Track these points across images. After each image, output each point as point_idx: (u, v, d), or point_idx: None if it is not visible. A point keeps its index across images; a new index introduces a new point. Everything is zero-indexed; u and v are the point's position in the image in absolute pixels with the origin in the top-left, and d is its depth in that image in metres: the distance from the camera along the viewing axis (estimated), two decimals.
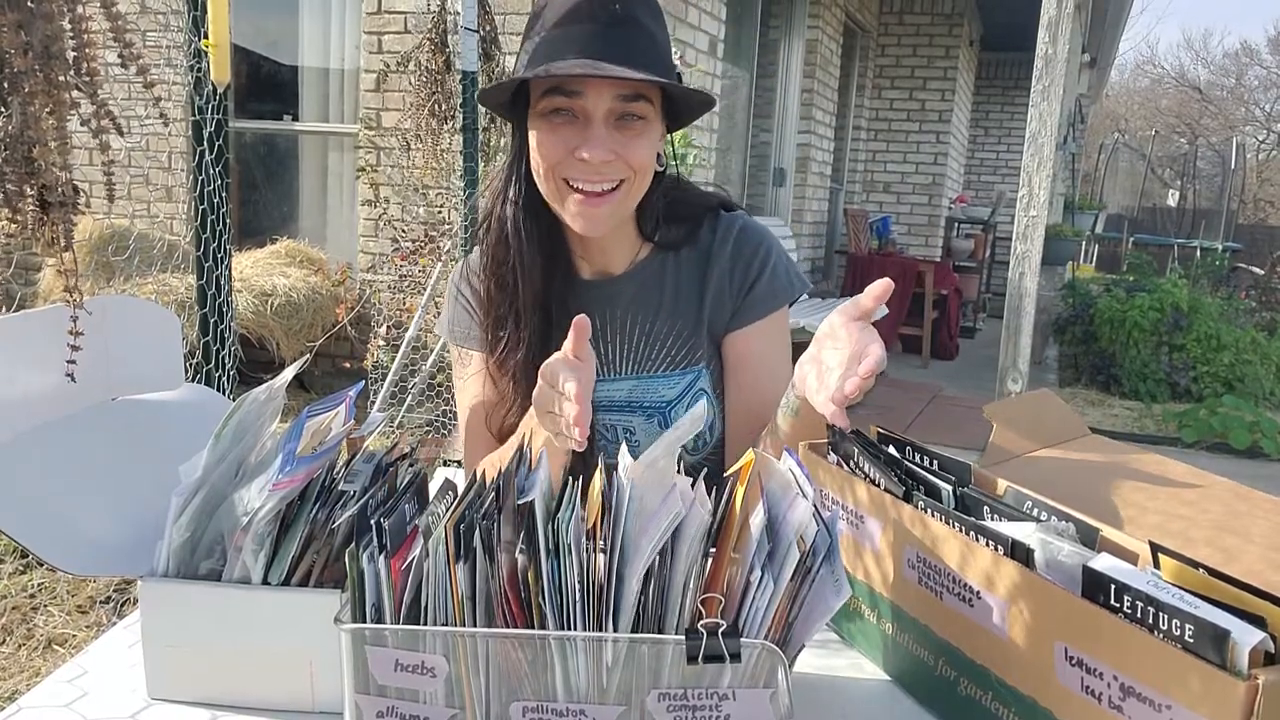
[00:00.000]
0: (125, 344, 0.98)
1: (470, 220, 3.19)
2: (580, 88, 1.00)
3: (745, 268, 1.16)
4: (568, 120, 1.02)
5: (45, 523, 0.78)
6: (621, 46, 0.98)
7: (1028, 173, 3.94)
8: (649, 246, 1.18)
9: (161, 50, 4.04)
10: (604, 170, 1.02)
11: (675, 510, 0.63)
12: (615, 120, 1.02)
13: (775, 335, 1.18)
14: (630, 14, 0.99)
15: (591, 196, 1.03)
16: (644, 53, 0.99)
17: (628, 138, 1.02)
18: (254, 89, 5.21)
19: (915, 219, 8.13)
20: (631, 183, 1.05)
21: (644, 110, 1.03)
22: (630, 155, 1.03)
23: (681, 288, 1.17)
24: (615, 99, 1.00)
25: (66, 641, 2.26)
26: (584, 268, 1.18)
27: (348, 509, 0.75)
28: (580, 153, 1.00)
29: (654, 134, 1.05)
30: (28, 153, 0.77)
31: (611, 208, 1.05)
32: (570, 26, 0.99)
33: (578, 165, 1.02)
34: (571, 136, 1.01)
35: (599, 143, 1.00)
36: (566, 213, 1.06)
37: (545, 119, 1.03)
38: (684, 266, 1.18)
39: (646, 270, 1.17)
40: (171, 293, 3.90)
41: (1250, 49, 25.98)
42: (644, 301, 1.17)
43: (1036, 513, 0.77)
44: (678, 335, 1.17)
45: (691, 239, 1.18)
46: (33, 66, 0.76)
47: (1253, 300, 7.78)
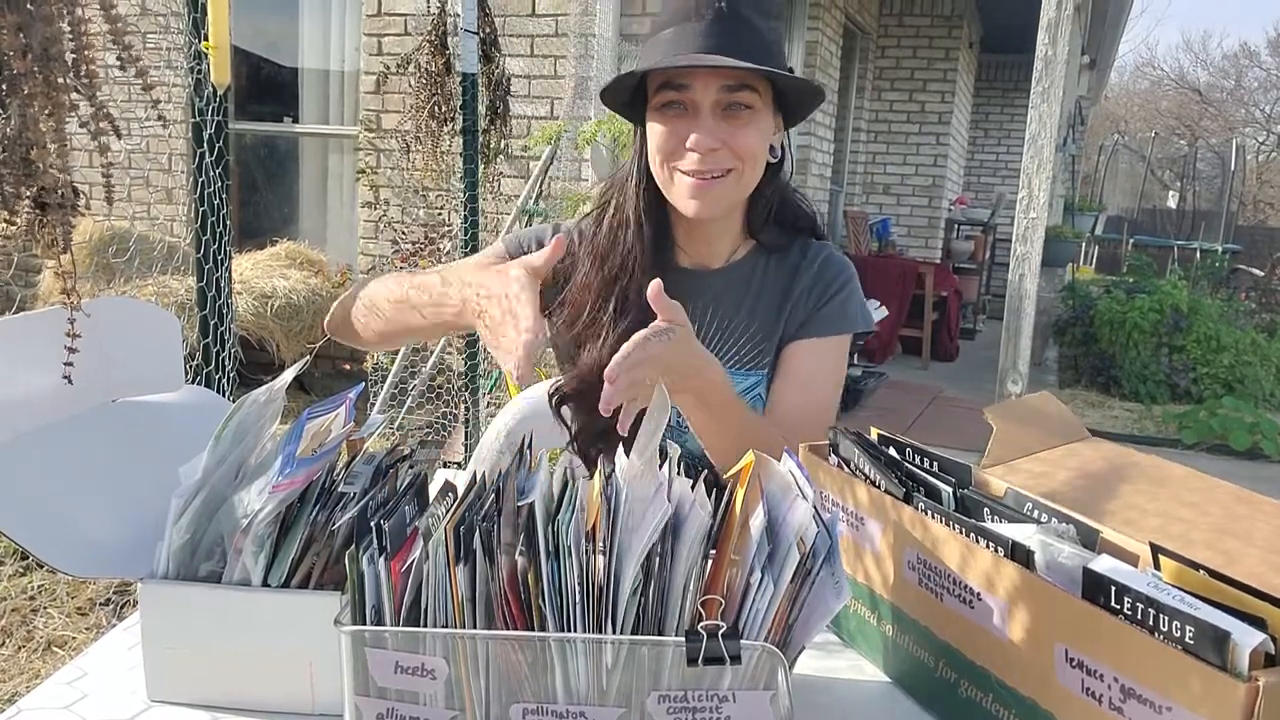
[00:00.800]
0: (125, 346, 0.98)
1: (470, 222, 3.19)
2: (688, 80, 1.06)
3: (824, 288, 1.22)
4: (679, 113, 1.08)
5: (45, 524, 0.78)
6: (726, 40, 1.04)
7: (1027, 174, 3.95)
8: (748, 245, 1.23)
9: (161, 52, 4.05)
10: (711, 159, 1.07)
11: (662, 509, 0.63)
12: (723, 110, 1.07)
13: (825, 357, 1.21)
14: (735, 9, 1.05)
15: (702, 179, 1.08)
16: (748, 45, 1.04)
17: (735, 126, 1.07)
18: (254, 91, 5.21)
19: (915, 221, 8.13)
20: (741, 172, 1.10)
21: (750, 100, 1.07)
22: (737, 143, 1.07)
23: (764, 294, 1.22)
24: (721, 89, 1.06)
25: (66, 643, 2.26)
26: (683, 257, 1.22)
27: (348, 511, 0.75)
28: (689, 141, 1.06)
29: (763, 124, 1.10)
30: (26, 154, 0.77)
31: (721, 191, 1.10)
32: (682, 25, 1.06)
33: (688, 155, 1.08)
34: (683, 127, 1.07)
35: (706, 131, 1.06)
36: (678, 196, 1.11)
37: (659, 112, 1.09)
38: (770, 275, 1.22)
39: (739, 270, 1.22)
40: (171, 294, 3.91)
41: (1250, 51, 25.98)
42: (729, 299, 1.21)
43: (1037, 514, 0.77)
44: (751, 337, 1.21)
45: (785, 250, 1.23)
46: (32, 69, 0.76)
47: (1252, 302, 7.78)
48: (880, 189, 8.17)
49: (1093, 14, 7.29)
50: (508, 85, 3.42)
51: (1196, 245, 10.43)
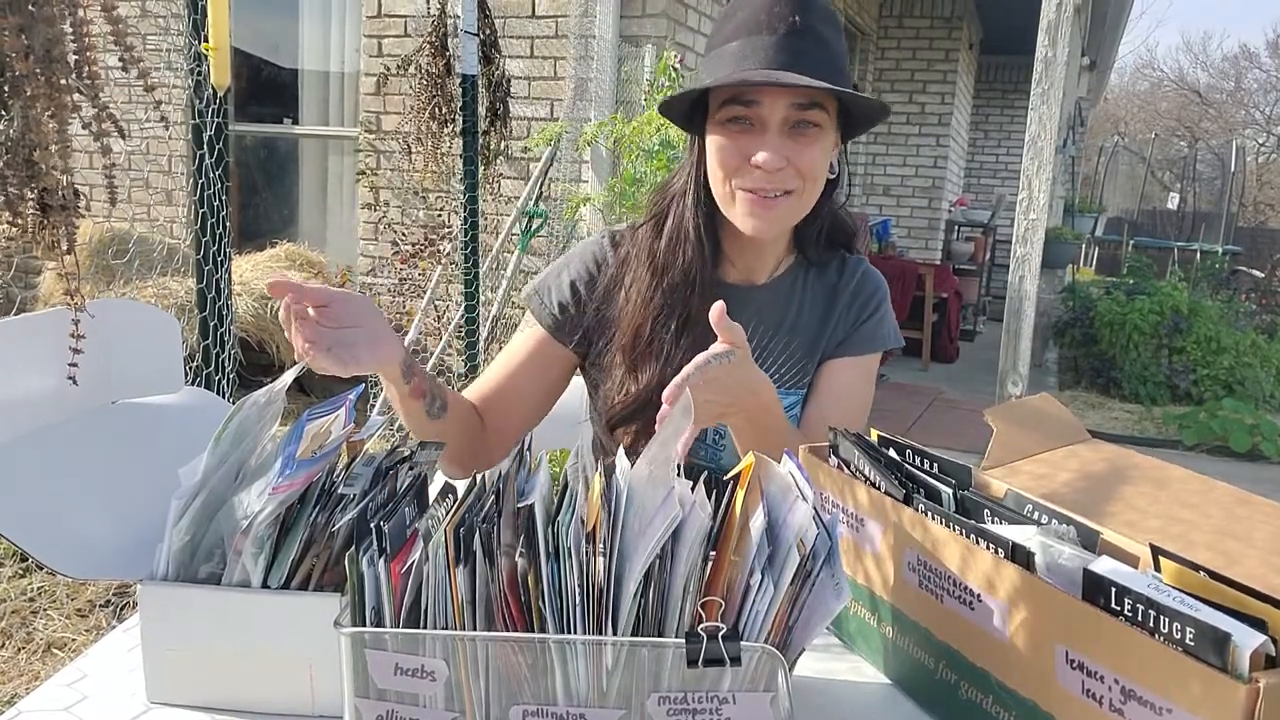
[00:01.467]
0: (125, 347, 0.98)
1: (470, 224, 3.19)
2: (757, 96, 1.03)
3: (862, 306, 1.22)
4: (744, 129, 1.06)
5: (45, 526, 0.78)
6: (799, 56, 1.01)
7: (1027, 176, 3.95)
8: (791, 258, 1.23)
9: (162, 54, 4.05)
10: (776, 179, 1.05)
11: (673, 514, 0.63)
12: (790, 128, 1.05)
13: (859, 374, 1.22)
14: (809, 25, 1.03)
15: (763, 199, 1.06)
16: (821, 62, 1.02)
17: (801, 145, 1.05)
18: (254, 92, 5.22)
19: (915, 222, 8.14)
20: (801, 192, 1.08)
21: (819, 118, 1.05)
22: (802, 162, 1.05)
23: (805, 311, 1.21)
24: (791, 107, 1.04)
25: (66, 645, 2.26)
26: (730, 272, 1.21)
27: (347, 512, 0.75)
28: (755, 159, 1.04)
29: (827, 142, 1.08)
30: (29, 156, 0.77)
31: (782, 212, 1.08)
32: (750, 38, 1.02)
33: (752, 173, 1.05)
34: (748, 144, 1.05)
35: (773, 149, 1.04)
36: (737, 214, 1.09)
37: (724, 127, 1.07)
38: (811, 290, 1.22)
39: (782, 285, 1.22)
40: (171, 296, 3.91)
41: (1249, 52, 25.99)
42: (771, 316, 1.20)
43: (1037, 516, 0.77)
44: (791, 355, 1.20)
45: (825, 266, 1.23)
46: (34, 70, 0.76)
47: (1253, 303, 7.78)
48: (880, 190, 8.17)
49: (1092, 15, 7.30)
50: (508, 86, 3.43)
51: (1196, 247, 10.42)
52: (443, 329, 3.74)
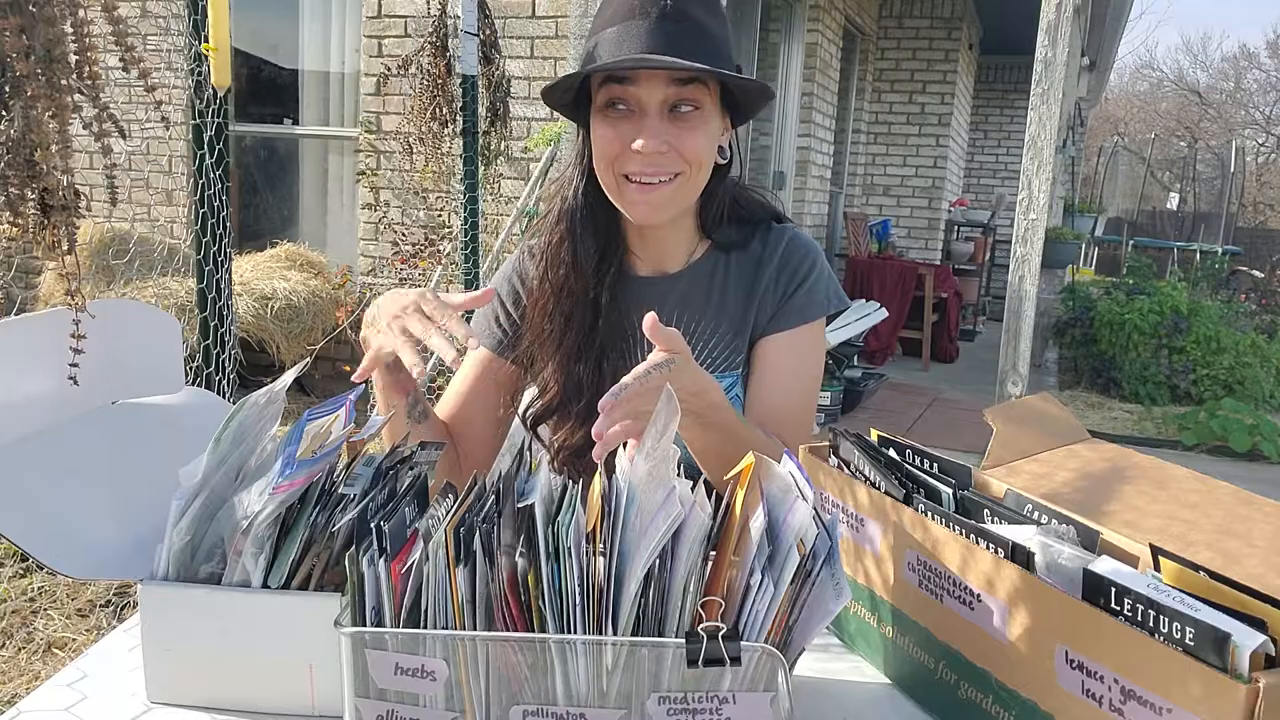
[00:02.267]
0: (125, 348, 0.98)
1: (470, 224, 3.20)
2: (633, 78, 1.03)
3: (790, 276, 1.18)
4: (624, 114, 1.05)
5: (45, 526, 0.78)
6: (673, 39, 1.01)
7: (1027, 176, 3.95)
8: (705, 245, 1.20)
9: (162, 54, 4.05)
10: (659, 163, 1.04)
11: (674, 513, 0.63)
12: (670, 111, 1.04)
13: (802, 349, 1.18)
14: (680, 9, 1.02)
15: (645, 185, 1.05)
16: (696, 45, 1.02)
17: (682, 129, 1.04)
18: (254, 93, 5.22)
19: (915, 222, 8.14)
20: (688, 176, 1.07)
21: (699, 98, 1.04)
22: (684, 146, 1.04)
23: (729, 291, 1.19)
24: (668, 86, 1.03)
25: (66, 645, 2.26)
26: (639, 265, 1.20)
27: (348, 512, 0.75)
28: (635, 144, 1.03)
29: (710, 126, 1.07)
30: (29, 156, 0.77)
31: (668, 195, 1.07)
32: (623, 24, 1.03)
33: (634, 159, 1.04)
34: (628, 130, 1.04)
35: (653, 133, 1.03)
36: (625, 203, 1.09)
37: (603, 113, 1.06)
38: (734, 270, 1.19)
39: (699, 270, 1.19)
40: (171, 296, 3.91)
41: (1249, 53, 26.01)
42: (693, 301, 1.19)
43: (1037, 516, 0.77)
44: (721, 337, 1.19)
45: (745, 244, 1.20)
46: (35, 70, 0.76)
47: (1252, 303, 7.78)
48: (880, 190, 8.17)
49: (1092, 16, 7.30)
50: (508, 87, 3.43)
51: (1196, 247, 10.43)
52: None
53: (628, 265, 1.19)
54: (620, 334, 1.17)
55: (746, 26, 5.81)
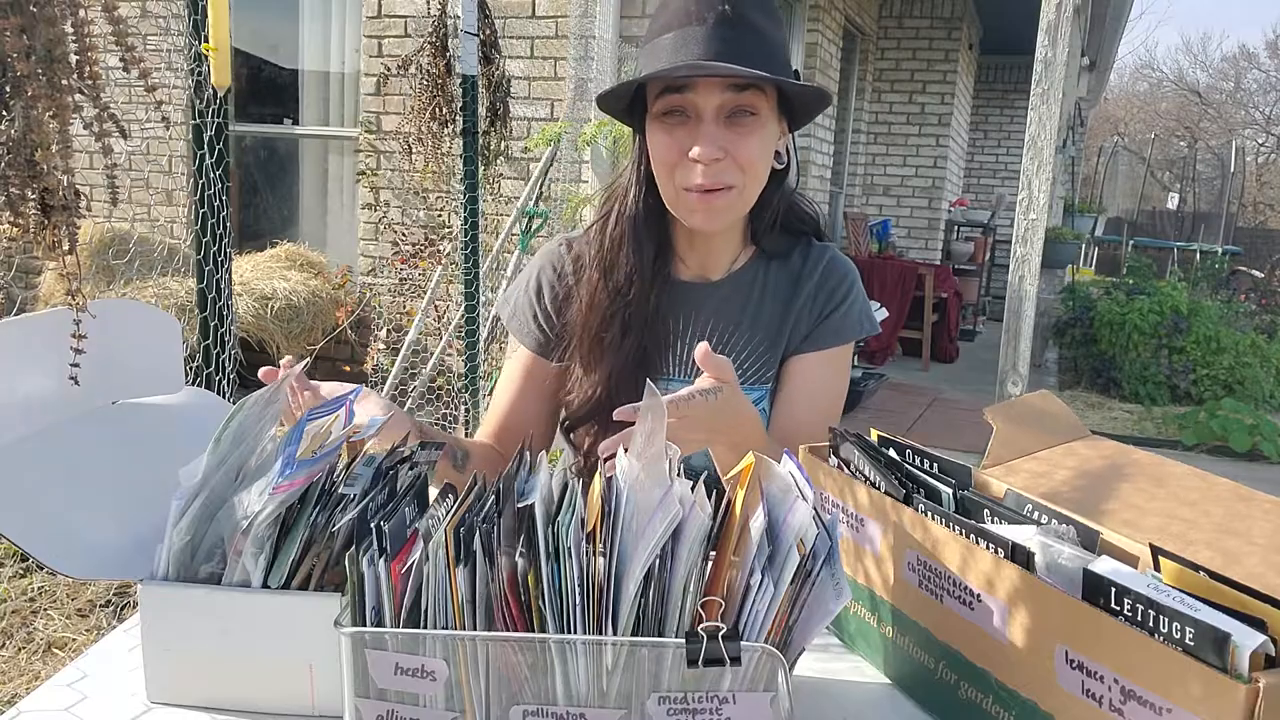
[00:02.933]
0: (125, 348, 0.98)
1: (470, 224, 3.20)
2: (690, 85, 1.02)
3: (828, 296, 1.18)
4: (680, 121, 1.04)
5: (45, 526, 0.78)
6: (730, 44, 1.00)
7: (1027, 176, 3.95)
8: (749, 252, 1.20)
9: (162, 54, 4.05)
10: (715, 171, 1.04)
11: (672, 512, 0.63)
12: (726, 117, 1.03)
13: (833, 369, 1.19)
14: (740, 13, 1.01)
15: (704, 193, 1.05)
16: (753, 50, 1.01)
17: (738, 135, 1.04)
18: (254, 93, 5.22)
19: (915, 222, 8.14)
20: (743, 187, 1.07)
21: (755, 104, 1.04)
22: (740, 152, 1.04)
23: (766, 303, 1.18)
24: (725, 93, 1.02)
25: (66, 645, 2.26)
26: (682, 269, 1.19)
27: (348, 512, 0.75)
28: (692, 152, 1.03)
29: (766, 132, 1.06)
30: (30, 156, 0.77)
31: (724, 205, 1.06)
32: (681, 30, 1.02)
33: (692, 170, 1.04)
34: (684, 136, 1.04)
35: (709, 139, 1.02)
36: (683, 209, 1.08)
37: (660, 120, 1.06)
38: (772, 282, 1.19)
39: (740, 279, 1.19)
40: (171, 296, 3.91)
41: (1248, 53, 26.01)
42: (729, 310, 1.18)
43: (1037, 516, 0.77)
44: (754, 349, 1.18)
45: (787, 255, 1.20)
46: (35, 70, 0.76)
47: (1252, 303, 7.79)
48: (880, 190, 8.17)
49: (1092, 16, 7.30)
50: (508, 87, 3.43)
51: (1196, 247, 10.43)
52: (443, 329, 3.74)
53: (672, 269, 1.19)
54: (659, 338, 1.16)
55: None
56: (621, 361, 1.13)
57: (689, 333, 1.18)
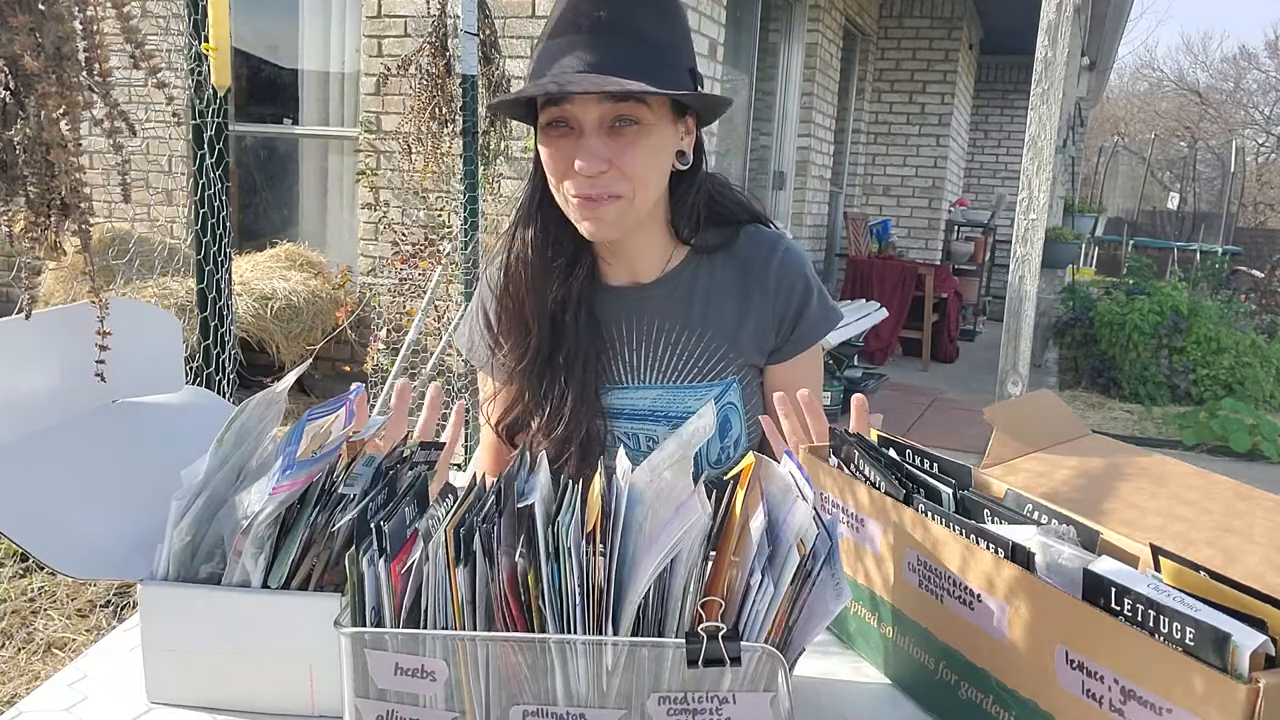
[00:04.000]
0: (126, 347, 0.98)
1: (470, 224, 3.20)
2: (567, 97, 1.00)
3: (787, 297, 1.16)
4: (564, 132, 1.02)
5: (45, 526, 0.78)
6: (607, 54, 0.97)
7: (1027, 176, 3.95)
8: (683, 251, 1.17)
9: (162, 54, 4.04)
10: (600, 182, 1.01)
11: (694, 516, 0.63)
12: (609, 127, 1.01)
13: (813, 364, 1.20)
14: (617, 18, 0.98)
15: (590, 201, 1.03)
16: (634, 58, 0.98)
17: (621, 145, 1.01)
18: (254, 92, 5.22)
19: (915, 222, 8.14)
20: (631, 195, 1.04)
21: (637, 113, 1.01)
22: (625, 162, 1.01)
23: (714, 298, 1.16)
24: (603, 104, 1.00)
25: (66, 645, 2.26)
26: (611, 274, 1.17)
27: (348, 512, 0.75)
28: (575, 164, 1.01)
29: (654, 138, 1.03)
30: (45, 155, 0.77)
31: (613, 214, 1.04)
32: (560, 38, 1.00)
33: (577, 179, 1.02)
34: (569, 148, 1.02)
35: (589, 152, 1.00)
36: (574, 220, 1.06)
37: (545, 132, 1.04)
38: (718, 275, 1.16)
39: (678, 278, 1.16)
40: (171, 296, 3.91)
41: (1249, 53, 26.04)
42: (674, 311, 1.16)
43: (1037, 516, 0.77)
44: (707, 346, 1.16)
45: (728, 246, 1.17)
46: (45, 69, 0.76)
47: (1252, 303, 7.79)
48: (880, 190, 8.17)
49: (1092, 16, 7.30)
50: (508, 87, 3.42)
51: (1196, 247, 10.43)
52: (443, 329, 3.74)
53: (600, 275, 1.16)
54: (597, 344, 1.15)
55: (747, 27, 5.81)
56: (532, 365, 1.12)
57: (633, 337, 1.16)
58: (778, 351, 1.17)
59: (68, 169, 0.78)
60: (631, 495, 0.68)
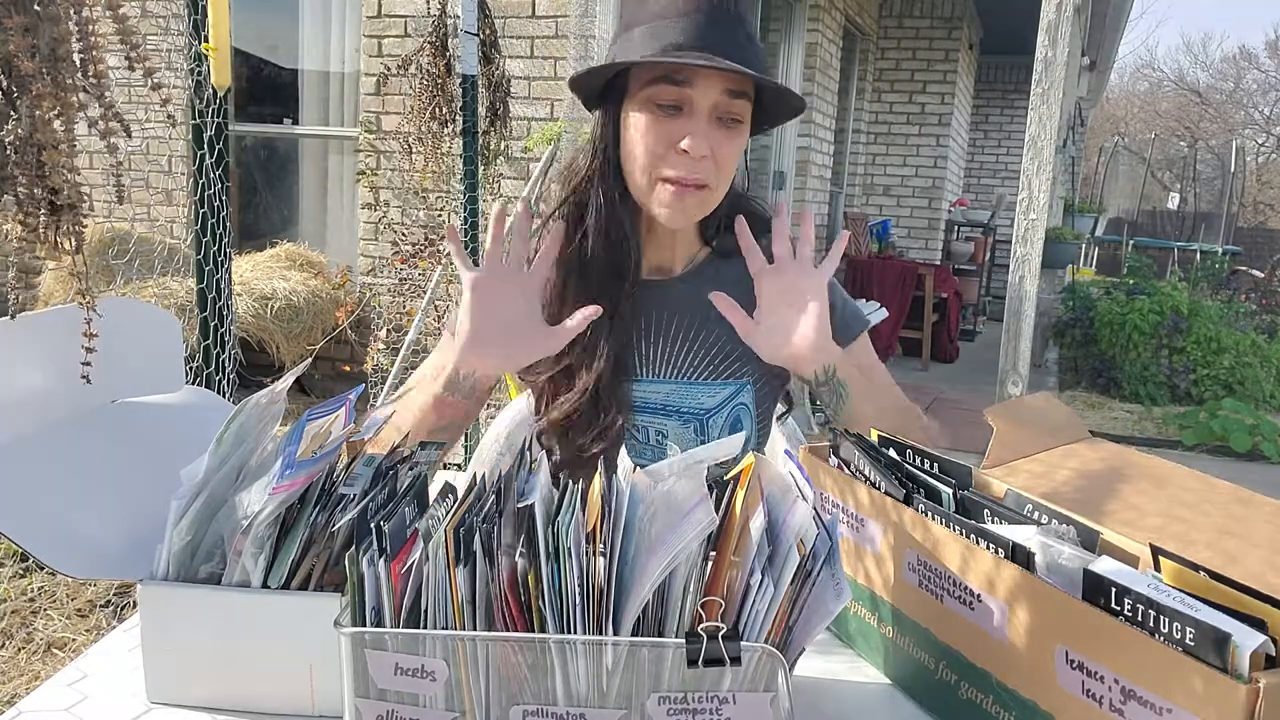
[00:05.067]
0: (126, 347, 0.98)
1: (470, 224, 3.20)
2: (690, 78, 0.99)
3: None
4: (673, 114, 1.01)
5: (45, 525, 0.78)
6: (729, 39, 0.97)
7: (1027, 176, 3.95)
8: (706, 250, 1.18)
9: (162, 54, 4.05)
10: (698, 169, 1.01)
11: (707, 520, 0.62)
12: (718, 118, 1.01)
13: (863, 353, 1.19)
14: (731, 8, 0.99)
15: (682, 188, 1.02)
16: (749, 49, 0.99)
17: (724, 137, 1.02)
18: (254, 92, 5.22)
19: (915, 222, 8.14)
20: (714, 190, 1.05)
21: (743, 111, 1.03)
22: (723, 156, 1.03)
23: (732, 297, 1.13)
24: (722, 93, 1.00)
25: (66, 645, 2.26)
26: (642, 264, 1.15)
27: (348, 512, 0.75)
28: (683, 144, 1.00)
29: (743, 137, 1.05)
30: (38, 156, 0.77)
31: (695, 203, 1.05)
32: (681, 17, 0.98)
33: (679, 161, 1.01)
34: (675, 129, 1.01)
35: (701, 136, 1.00)
36: (655, 202, 1.05)
37: (649, 108, 1.01)
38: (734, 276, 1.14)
39: (700, 275, 1.16)
40: (171, 296, 3.91)
41: (1249, 53, 26.00)
42: (692, 306, 1.15)
43: (1037, 516, 0.77)
44: (722, 346, 1.15)
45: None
46: (40, 70, 0.76)
47: (1253, 303, 7.79)
48: (880, 190, 8.17)
49: (1092, 16, 7.30)
50: (508, 86, 3.42)
51: (1196, 247, 10.43)
52: (443, 329, 3.74)
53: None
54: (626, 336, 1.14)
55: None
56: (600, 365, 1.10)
57: (654, 331, 1.15)
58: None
59: (59, 170, 0.78)
60: (632, 495, 0.68)
